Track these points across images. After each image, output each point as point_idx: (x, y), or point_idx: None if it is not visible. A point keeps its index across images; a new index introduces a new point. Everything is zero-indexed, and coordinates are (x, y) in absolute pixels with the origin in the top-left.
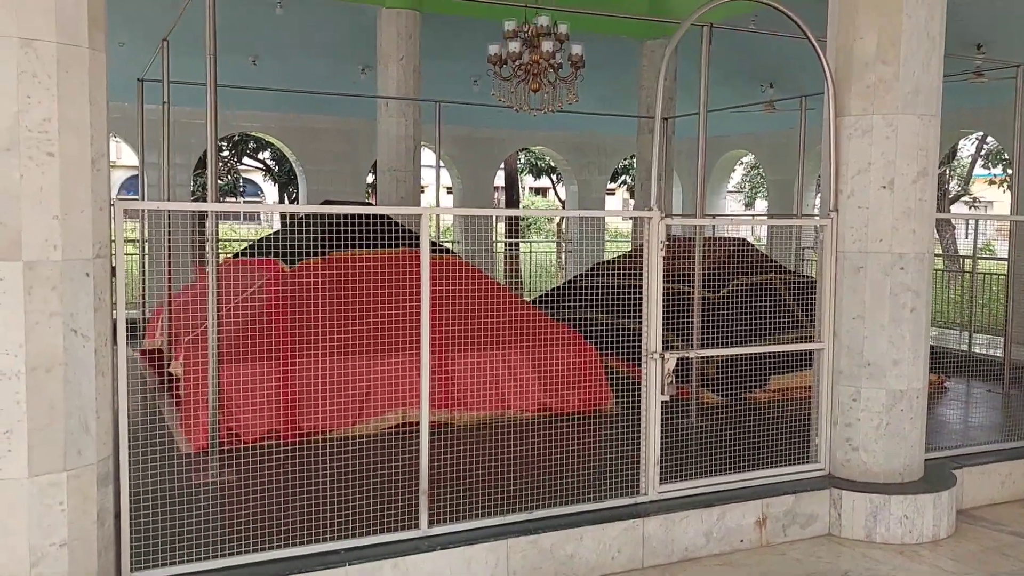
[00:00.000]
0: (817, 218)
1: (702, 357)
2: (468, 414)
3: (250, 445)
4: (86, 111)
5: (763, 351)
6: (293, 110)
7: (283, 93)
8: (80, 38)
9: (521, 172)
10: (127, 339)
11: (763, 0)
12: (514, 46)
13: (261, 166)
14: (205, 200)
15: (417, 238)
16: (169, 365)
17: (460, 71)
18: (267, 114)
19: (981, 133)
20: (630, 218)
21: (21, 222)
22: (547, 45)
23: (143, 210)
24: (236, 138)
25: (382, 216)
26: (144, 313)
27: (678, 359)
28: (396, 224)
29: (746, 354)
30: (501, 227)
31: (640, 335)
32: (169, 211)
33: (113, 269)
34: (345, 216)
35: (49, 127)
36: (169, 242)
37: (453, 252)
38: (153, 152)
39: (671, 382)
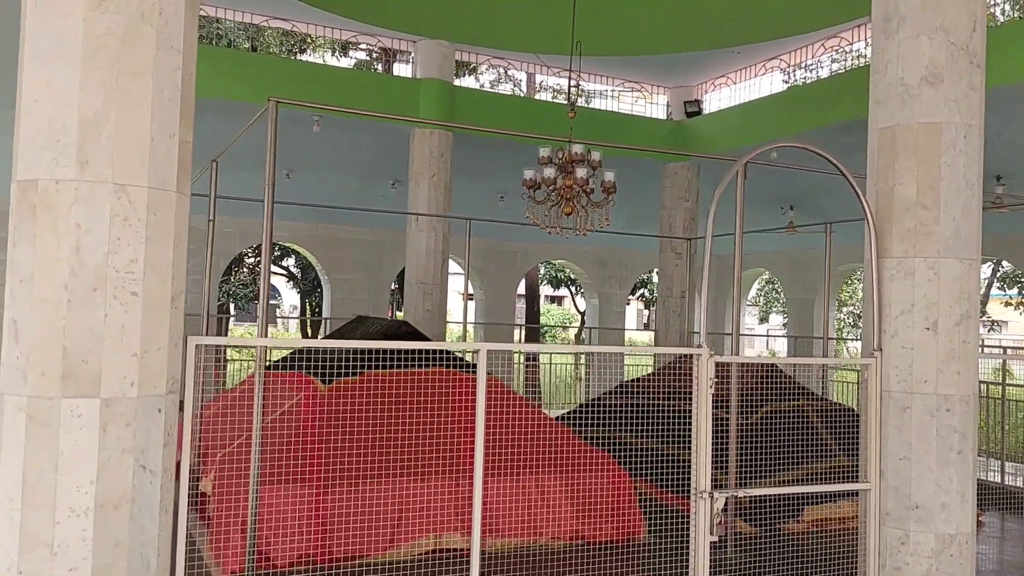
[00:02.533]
0: (854, 347)
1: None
2: (501, 540)
3: (282, 570)
4: (170, 252)
5: (810, 490)
6: (322, 220)
7: (316, 207)
8: (169, 183)
9: (541, 282)
10: (188, 473)
11: (804, 147)
12: (549, 172)
13: (285, 273)
14: (228, 307)
15: (447, 354)
16: (197, 482)
17: (487, 187)
18: (296, 224)
19: (996, 259)
20: (664, 331)
21: (102, 360)
22: (581, 172)
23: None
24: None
25: (416, 334)
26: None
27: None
28: (425, 337)
29: (788, 487)
30: (519, 334)
31: (672, 461)
32: (233, 345)
33: (181, 403)
34: (382, 337)
35: (135, 267)
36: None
37: (489, 372)
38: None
39: (720, 522)
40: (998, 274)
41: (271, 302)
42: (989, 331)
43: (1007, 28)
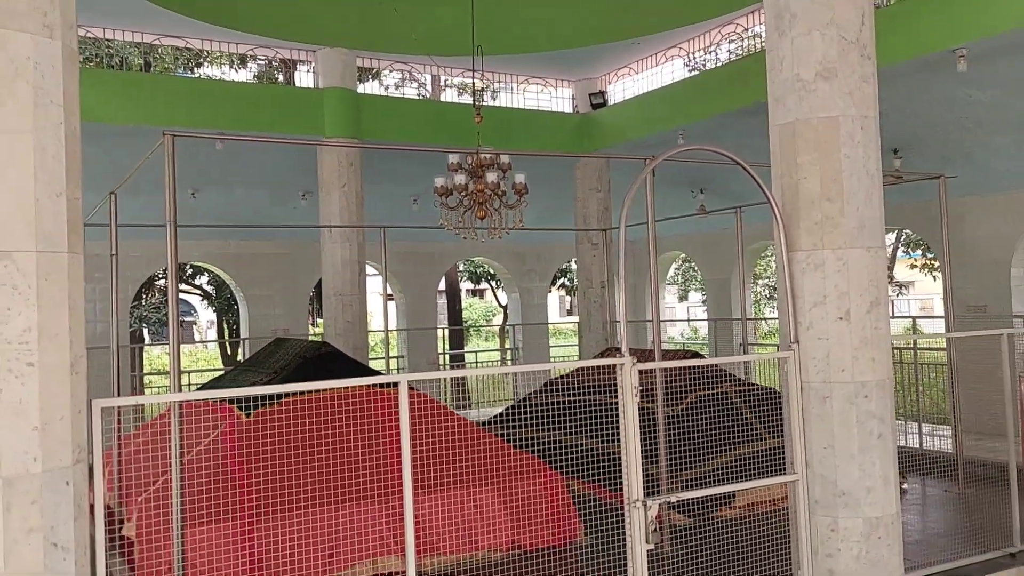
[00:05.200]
0: (778, 351)
1: (677, 488)
2: (440, 557)
3: None
4: (65, 316)
5: (739, 488)
6: (233, 237)
7: (225, 226)
8: (59, 244)
9: (461, 279)
10: (105, 545)
11: (708, 148)
12: (460, 178)
13: (199, 292)
14: (141, 333)
15: (368, 369)
16: (120, 526)
17: (400, 191)
18: (206, 243)
19: (900, 228)
20: (588, 318)
21: (0, 437)
22: (492, 176)
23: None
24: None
25: (336, 354)
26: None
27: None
28: (345, 356)
29: (716, 478)
30: (445, 335)
31: (602, 455)
32: (142, 403)
33: (91, 469)
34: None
35: (29, 337)
36: (119, 384)
37: (410, 385)
38: (88, 285)
39: (655, 529)
40: (902, 239)
41: (188, 319)
42: (897, 295)
43: (893, 8)
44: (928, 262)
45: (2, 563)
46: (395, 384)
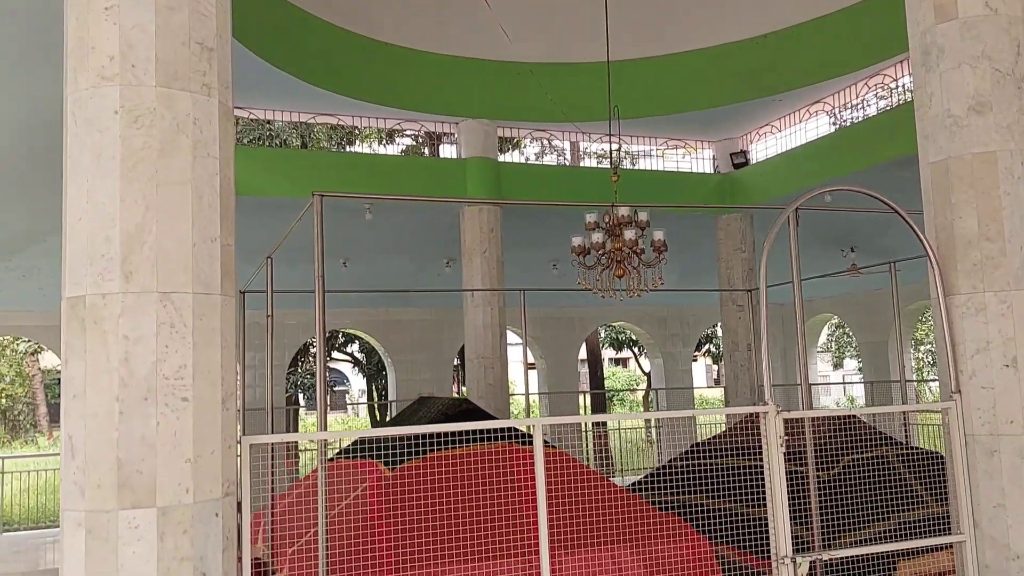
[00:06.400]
0: (938, 402)
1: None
2: None
3: None
4: (218, 355)
5: (898, 547)
6: (380, 305)
7: (373, 292)
8: (213, 286)
9: (603, 346)
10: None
11: (853, 189)
12: (597, 236)
13: (350, 359)
14: (296, 397)
15: (512, 429)
16: None
17: (540, 256)
18: (356, 310)
19: None
20: (734, 388)
21: (156, 468)
22: (629, 234)
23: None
24: (327, 334)
25: (477, 411)
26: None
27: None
28: (485, 412)
29: (876, 545)
30: (584, 400)
31: (751, 520)
32: (286, 441)
33: (239, 504)
34: (444, 417)
35: (184, 373)
36: (272, 450)
37: (548, 441)
38: (249, 352)
39: None
40: None
41: (340, 388)
42: None
43: None
44: None
45: None
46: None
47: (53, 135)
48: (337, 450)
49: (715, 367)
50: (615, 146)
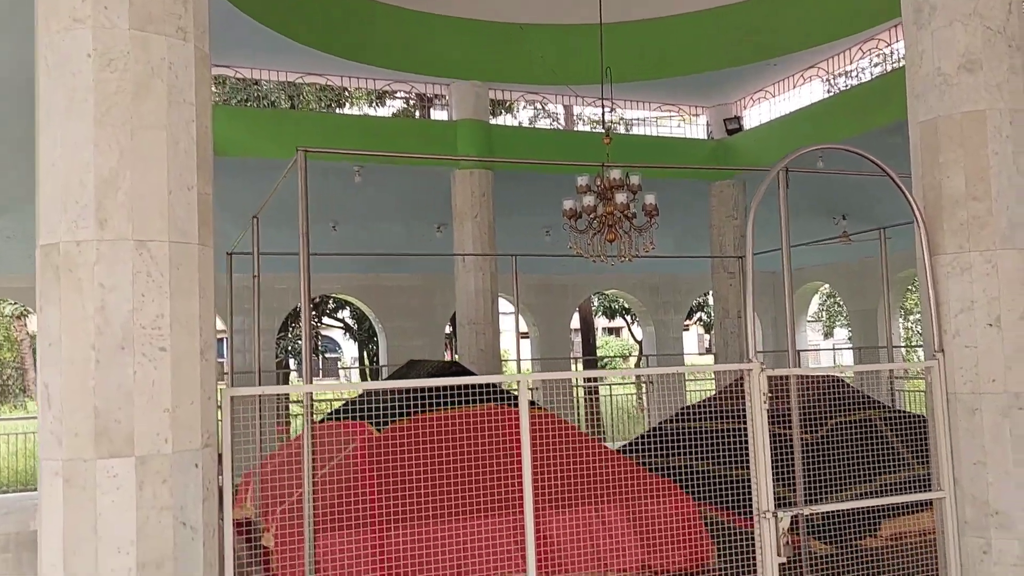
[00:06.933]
0: (919, 353)
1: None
2: None
3: None
4: (196, 304)
5: (879, 503)
6: (371, 270)
7: (363, 256)
8: (191, 235)
9: (595, 314)
10: (232, 528)
11: (842, 147)
12: (588, 200)
13: (341, 325)
14: (287, 363)
15: (501, 392)
16: (261, 536)
17: (532, 222)
18: (347, 275)
19: None
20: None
21: (133, 417)
22: (621, 197)
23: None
24: (317, 299)
25: (466, 372)
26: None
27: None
28: (473, 374)
29: (856, 501)
30: (579, 367)
31: (737, 482)
32: (269, 394)
33: (220, 456)
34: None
35: (161, 323)
36: (260, 410)
37: (539, 404)
38: (238, 317)
39: (787, 542)
40: None
41: (332, 355)
42: None
43: None
44: None
45: (135, 537)
46: (532, 404)
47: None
48: (327, 413)
49: (706, 336)
50: (608, 108)
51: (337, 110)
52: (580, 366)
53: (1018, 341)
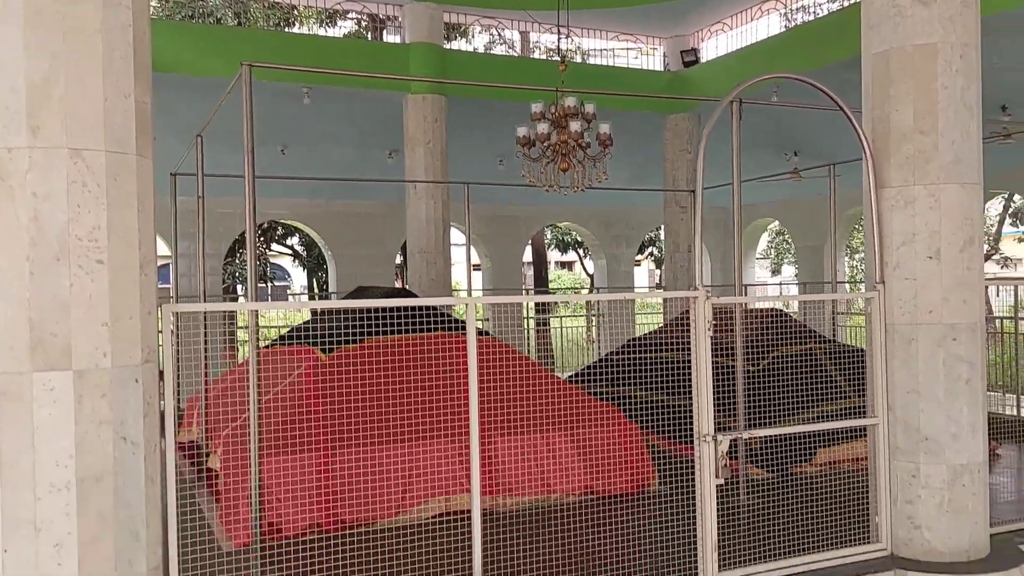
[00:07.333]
0: (863, 290)
1: (755, 440)
2: (512, 499)
3: (292, 539)
4: (134, 217)
5: (815, 428)
6: (321, 196)
7: (312, 180)
8: (128, 145)
9: (548, 247)
10: (174, 442)
11: (796, 77)
12: (542, 128)
13: (290, 252)
14: (235, 288)
15: (450, 320)
16: (207, 458)
17: (485, 151)
18: (296, 200)
19: (1007, 193)
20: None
21: (71, 330)
22: (575, 125)
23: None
24: (265, 225)
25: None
26: (178, 404)
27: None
28: (428, 307)
29: (792, 427)
30: (531, 303)
31: (680, 411)
32: (212, 311)
33: (161, 373)
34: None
35: (98, 235)
36: (205, 333)
37: (488, 333)
38: (183, 241)
39: (725, 464)
40: (1010, 209)
41: (281, 283)
42: (1003, 268)
43: None
44: None
45: (74, 450)
46: (481, 332)
47: None
48: (274, 339)
49: (657, 272)
50: (564, 35)
51: (286, 29)
52: (532, 300)
53: (956, 274)
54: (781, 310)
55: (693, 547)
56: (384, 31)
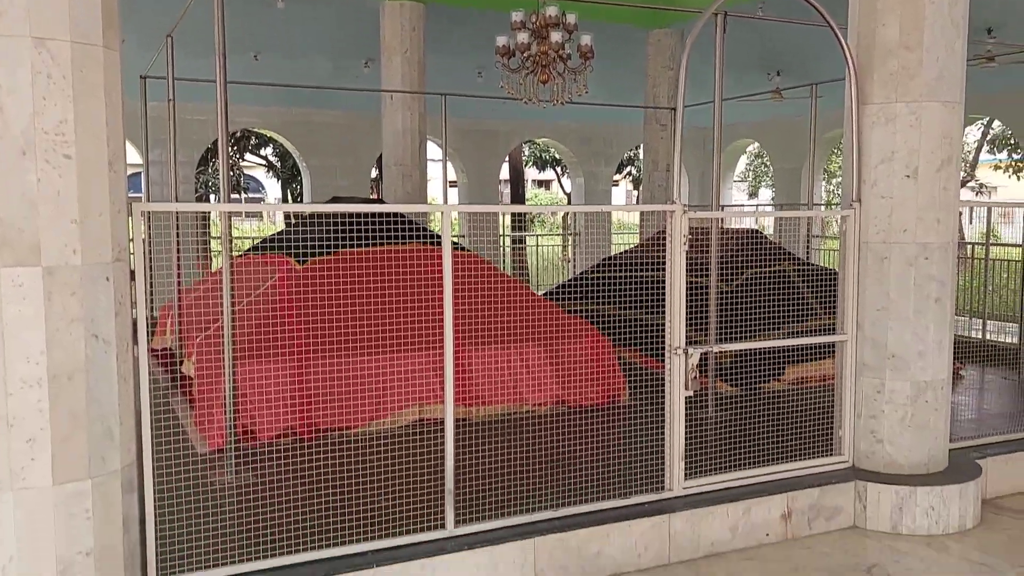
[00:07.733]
0: (839, 209)
1: (726, 355)
2: (485, 408)
3: (267, 443)
4: (102, 111)
5: (785, 344)
6: (296, 105)
7: (286, 88)
8: (94, 36)
9: (526, 164)
10: (147, 342)
11: None
12: (523, 37)
13: (264, 162)
14: (207, 198)
15: (425, 232)
16: (180, 364)
17: (464, 63)
18: (270, 109)
19: (987, 118)
20: (651, 211)
21: (39, 227)
22: (556, 36)
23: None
24: (239, 134)
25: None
26: (152, 311)
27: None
28: (404, 219)
29: (762, 342)
30: (507, 220)
31: (652, 327)
32: (182, 212)
33: (132, 272)
34: (357, 214)
35: (65, 129)
36: (178, 239)
37: (464, 247)
38: (155, 149)
39: (694, 377)
40: (988, 136)
41: (255, 195)
42: (977, 195)
43: None
44: (1016, 164)
45: (45, 347)
46: (458, 247)
47: None
48: (248, 248)
49: (635, 193)
50: None
51: None
52: (508, 218)
53: (932, 193)
54: (757, 230)
55: (661, 457)
56: None
